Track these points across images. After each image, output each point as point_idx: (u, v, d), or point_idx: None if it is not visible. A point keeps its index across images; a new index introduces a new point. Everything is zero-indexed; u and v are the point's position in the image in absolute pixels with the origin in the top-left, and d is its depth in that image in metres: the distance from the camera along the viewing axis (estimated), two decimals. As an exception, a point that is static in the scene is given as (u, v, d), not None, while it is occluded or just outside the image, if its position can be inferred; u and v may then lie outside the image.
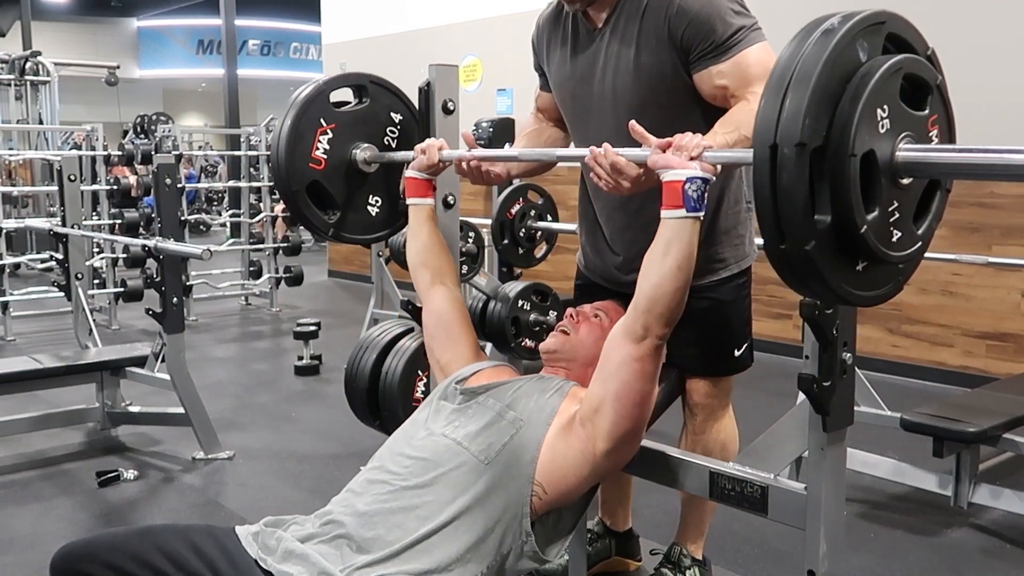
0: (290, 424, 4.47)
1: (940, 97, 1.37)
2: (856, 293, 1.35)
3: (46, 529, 3.12)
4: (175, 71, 22.31)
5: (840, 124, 1.23)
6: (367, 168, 2.19)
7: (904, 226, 1.33)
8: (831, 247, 1.27)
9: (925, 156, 1.28)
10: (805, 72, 1.23)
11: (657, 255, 1.54)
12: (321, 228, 2.19)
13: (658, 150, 1.56)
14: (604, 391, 1.58)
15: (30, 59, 9.75)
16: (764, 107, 1.26)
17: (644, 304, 1.55)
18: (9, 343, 6.31)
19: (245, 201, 8.21)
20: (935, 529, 3.10)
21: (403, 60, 8.09)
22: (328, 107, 2.17)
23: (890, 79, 1.26)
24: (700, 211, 1.52)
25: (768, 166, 1.23)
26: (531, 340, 3.48)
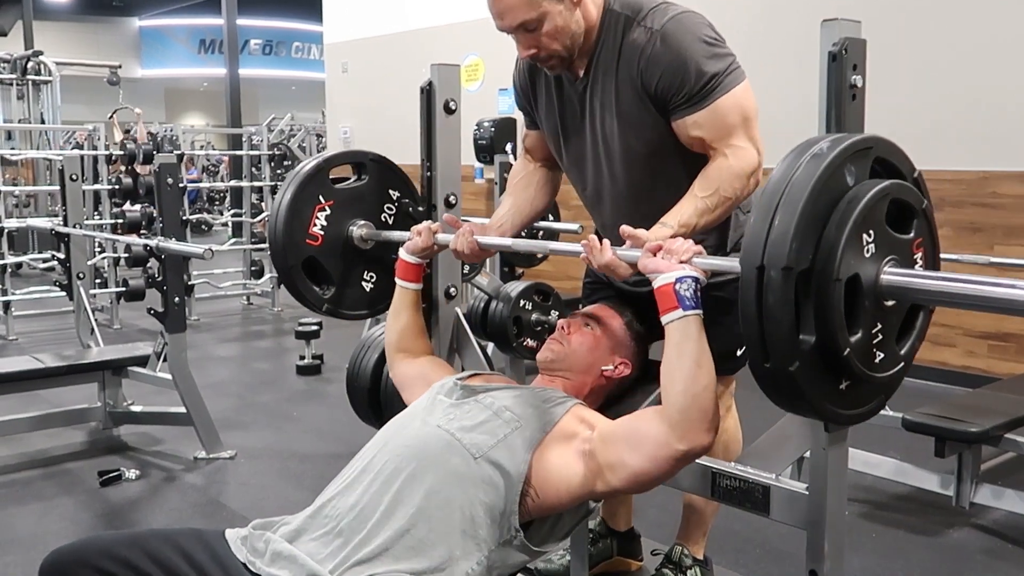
0: (292, 423, 4.48)
1: (926, 220, 1.39)
2: (839, 412, 1.38)
3: (47, 529, 3.12)
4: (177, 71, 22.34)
5: (826, 248, 1.26)
6: (363, 245, 2.21)
7: (887, 347, 1.35)
8: (815, 367, 1.29)
9: (909, 282, 1.30)
10: (793, 196, 1.25)
11: (672, 361, 1.50)
12: (315, 304, 2.23)
13: (649, 253, 1.55)
14: (627, 461, 1.53)
15: (32, 58, 9.76)
16: (753, 227, 1.28)
17: (677, 416, 1.48)
18: (11, 343, 6.31)
19: (247, 201, 8.21)
20: (937, 529, 3.10)
21: (405, 60, 8.10)
22: (327, 184, 2.20)
23: (877, 205, 1.29)
24: (698, 308, 1.49)
25: (755, 287, 1.26)
26: (533, 340, 3.49)
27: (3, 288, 6.39)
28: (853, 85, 1.51)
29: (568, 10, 1.82)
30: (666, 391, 1.51)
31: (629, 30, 1.84)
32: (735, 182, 1.78)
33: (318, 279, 2.22)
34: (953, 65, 4.93)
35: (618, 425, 1.59)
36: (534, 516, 1.59)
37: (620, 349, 1.84)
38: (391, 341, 2.05)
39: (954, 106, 4.90)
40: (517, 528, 1.56)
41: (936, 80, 4.95)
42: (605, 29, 1.87)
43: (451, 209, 2.25)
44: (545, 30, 1.82)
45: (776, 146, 1.54)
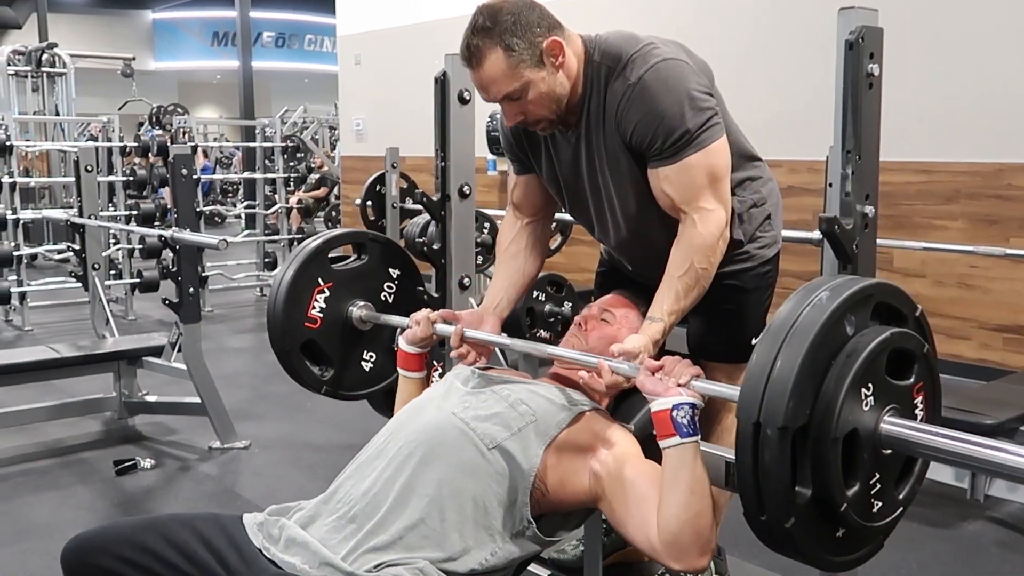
0: (305, 414, 4.49)
1: (926, 363, 1.36)
2: (835, 560, 1.36)
3: (64, 517, 3.15)
4: (190, 63, 22.38)
5: (824, 404, 1.23)
6: (362, 326, 2.19)
7: (885, 495, 1.33)
8: (811, 521, 1.27)
9: (908, 435, 1.27)
10: (792, 351, 1.23)
11: (668, 486, 1.47)
12: (314, 386, 2.20)
13: (647, 371, 1.52)
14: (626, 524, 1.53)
15: (46, 51, 9.80)
16: (749, 380, 1.26)
17: (669, 537, 1.45)
18: (26, 333, 6.36)
19: (260, 192, 8.23)
20: (951, 522, 3.09)
21: (418, 52, 8.08)
22: (326, 265, 2.18)
23: (876, 359, 1.26)
24: (695, 435, 1.46)
25: (751, 442, 1.24)
26: (546, 331, 3.49)
27: (18, 279, 6.43)
28: (870, 74, 1.51)
29: (551, 74, 1.79)
30: (661, 513, 1.48)
31: (611, 81, 1.82)
32: (707, 251, 1.79)
33: (317, 360, 2.19)
34: (969, 56, 4.89)
35: (635, 479, 1.55)
36: (544, 511, 1.60)
37: None
38: None
39: (970, 97, 4.86)
40: (529, 520, 1.57)
41: (952, 71, 4.91)
42: (589, 81, 1.84)
43: (465, 199, 2.25)
44: (530, 98, 1.80)
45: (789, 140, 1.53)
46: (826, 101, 1.78)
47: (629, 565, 2.36)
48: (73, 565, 1.53)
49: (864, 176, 1.65)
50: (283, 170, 8.11)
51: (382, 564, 1.47)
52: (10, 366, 3.93)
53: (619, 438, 1.62)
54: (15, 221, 6.41)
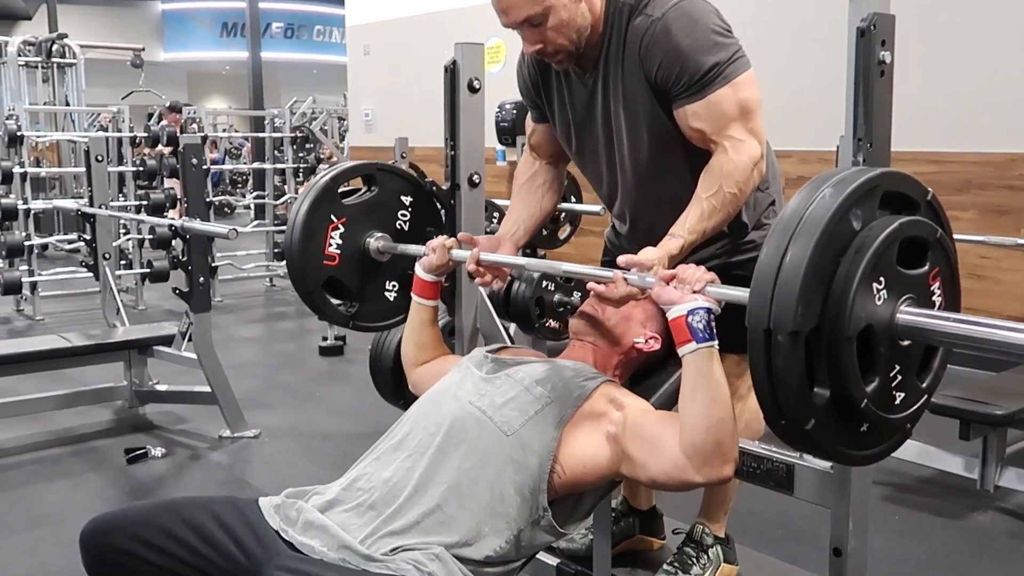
0: (315, 403, 4.51)
1: (941, 248, 1.33)
2: (861, 455, 1.34)
3: (76, 504, 3.17)
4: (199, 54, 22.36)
5: (835, 303, 1.21)
6: (380, 258, 2.20)
7: (908, 385, 1.31)
8: (832, 420, 1.26)
9: (925, 323, 1.25)
10: (798, 253, 1.21)
11: (687, 395, 1.49)
12: (341, 322, 2.22)
13: (662, 282, 1.53)
14: (647, 464, 1.53)
15: (56, 41, 9.82)
16: (756, 286, 1.24)
17: (691, 449, 1.46)
18: (38, 323, 6.39)
19: (269, 183, 8.24)
20: (961, 512, 3.09)
21: (427, 42, 8.08)
22: (337, 201, 2.17)
23: (886, 251, 1.23)
24: (712, 340, 1.47)
25: (763, 349, 1.22)
26: (555, 320, 3.49)
27: (30, 269, 6.46)
28: (881, 61, 1.49)
29: (573, 2, 1.80)
30: (682, 424, 1.49)
31: (632, 18, 1.82)
32: (737, 176, 1.77)
33: (340, 296, 2.20)
34: (980, 47, 4.87)
35: (646, 421, 1.57)
36: (559, 493, 1.60)
37: (651, 323, 1.83)
38: (409, 356, 2.03)
39: (982, 88, 4.84)
40: (545, 507, 1.57)
41: (963, 62, 4.89)
42: (610, 20, 1.85)
43: (475, 188, 2.25)
44: (551, 24, 1.80)
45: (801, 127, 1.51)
46: (835, 91, 1.77)
47: (638, 554, 2.37)
48: (91, 547, 1.54)
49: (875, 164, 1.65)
50: (292, 161, 8.11)
51: (398, 548, 1.48)
52: (22, 355, 3.95)
53: (630, 400, 1.64)
54: (26, 211, 6.43)
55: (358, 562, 1.45)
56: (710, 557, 2.19)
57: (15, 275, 6.35)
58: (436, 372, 1.94)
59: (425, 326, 2.02)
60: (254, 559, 1.50)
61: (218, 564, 1.51)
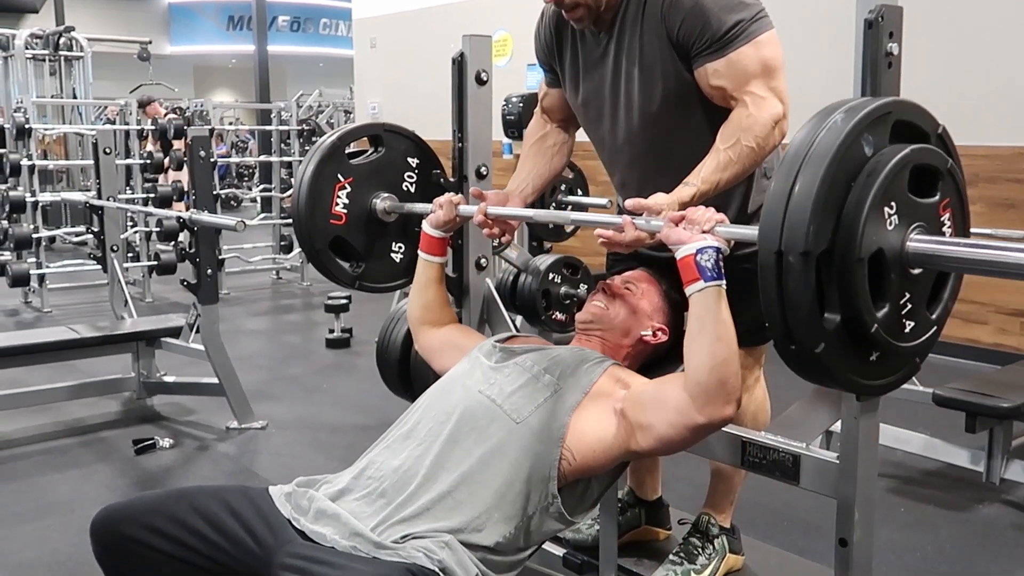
0: (321, 395, 4.53)
1: (952, 179, 1.34)
2: (870, 384, 1.35)
3: (85, 494, 3.19)
4: (206, 47, 22.39)
5: (846, 226, 1.22)
6: (387, 218, 2.20)
7: (917, 314, 1.32)
8: (842, 346, 1.26)
9: (936, 250, 1.26)
10: (809, 175, 1.21)
11: (693, 334, 1.51)
12: (346, 281, 2.23)
13: (671, 224, 1.54)
14: (654, 423, 1.55)
15: (64, 34, 9.82)
16: (768, 209, 1.25)
17: (696, 388, 1.49)
18: (46, 315, 6.41)
19: (276, 176, 8.26)
20: (966, 505, 3.09)
21: (433, 35, 8.08)
22: (344, 161, 2.18)
23: (897, 176, 1.24)
24: (720, 279, 1.48)
25: (774, 272, 1.23)
26: (561, 313, 3.50)
27: (37, 261, 6.48)
28: (889, 53, 1.49)
29: None
30: (687, 363, 1.51)
31: None
32: (757, 130, 1.75)
33: (347, 256, 2.21)
34: (988, 39, 4.85)
35: (648, 386, 1.61)
36: (568, 479, 1.61)
37: (658, 315, 1.84)
38: (415, 315, 2.05)
39: (989, 81, 4.83)
40: (555, 494, 1.58)
41: (971, 54, 4.88)
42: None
43: (482, 180, 2.26)
44: None
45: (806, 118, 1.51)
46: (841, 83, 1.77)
47: (644, 544, 2.38)
48: (102, 535, 1.55)
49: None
50: (299, 154, 8.12)
51: (408, 535, 1.49)
52: (30, 346, 3.97)
53: (635, 379, 1.66)
54: (34, 204, 6.45)
55: (369, 549, 1.46)
56: (716, 547, 2.20)
57: (23, 267, 6.37)
58: (447, 343, 1.96)
59: (431, 283, 2.03)
60: (265, 547, 1.51)
61: (229, 552, 1.52)
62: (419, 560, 1.44)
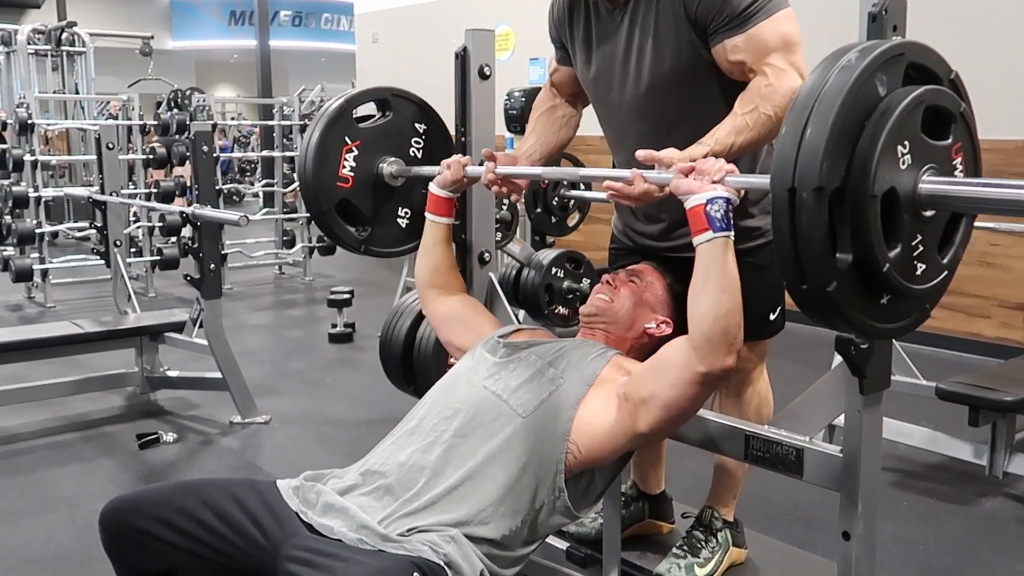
0: (325, 390, 4.53)
1: (964, 124, 1.35)
2: (882, 327, 1.35)
3: (89, 488, 3.20)
4: (207, 42, 22.36)
5: (859, 164, 1.22)
6: (394, 182, 2.20)
7: (929, 258, 1.32)
8: (853, 286, 1.27)
9: (948, 190, 1.26)
10: (822, 112, 1.22)
11: (699, 284, 1.52)
12: (352, 245, 2.22)
13: (680, 175, 1.55)
14: (656, 391, 1.56)
15: (66, 30, 9.82)
16: (781, 146, 1.25)
17: (700, 340, 1.50)
18: (49, 310, 6.42)
19: (278, 171, 8.24)
20: (969, 498, 3.10)
21: (435, 29, 8.08)
22: (352, 124, 2.18)
23: (911, 115, 1.24)
24: (728, 230, 1.49)
25: (787, 209, 1.23)
26: (564, 307, 3.51)
27: (40, 256, 6.48)
28: (893, 46, 1.49)
29: None
30: (691, 314, 1.53)
31: None
32: (776, 99, 1.74)
33: (353, 220, 2.21)
34: (992, 32, 4.84)
35: (647, 363, 1.63)
36: (574, 472, 1.62)
37: (663, 308, 1.85)
38: (423, 279, 2.05)
39: (993, 74, 4.82)
40: (561, 488, 1.59)
41: (975, 48, 4.87)
42: None
43: (485, 175, 2.26)
44: None
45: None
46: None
47: (647, 537, 2.39)
48: (111, 526, 1.56)
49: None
50: (301, 149, 8.12)
51: (415, 529, 1.50)
52: (34, 341, 3.98)
53: (636, 365, 1.68)
54: (37, 199, 6.46)
55: (375, 542, 1.47)
56: (719, 541, 2.20)
57: (26, 262, 6.38)
58: (454, 315, 1.97)
59: (439, 244, 2.04)
60: (273, 539, 1.51)
61: (237, 544, 1.52)
62: (424, 554, 1.44)
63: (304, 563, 1.42)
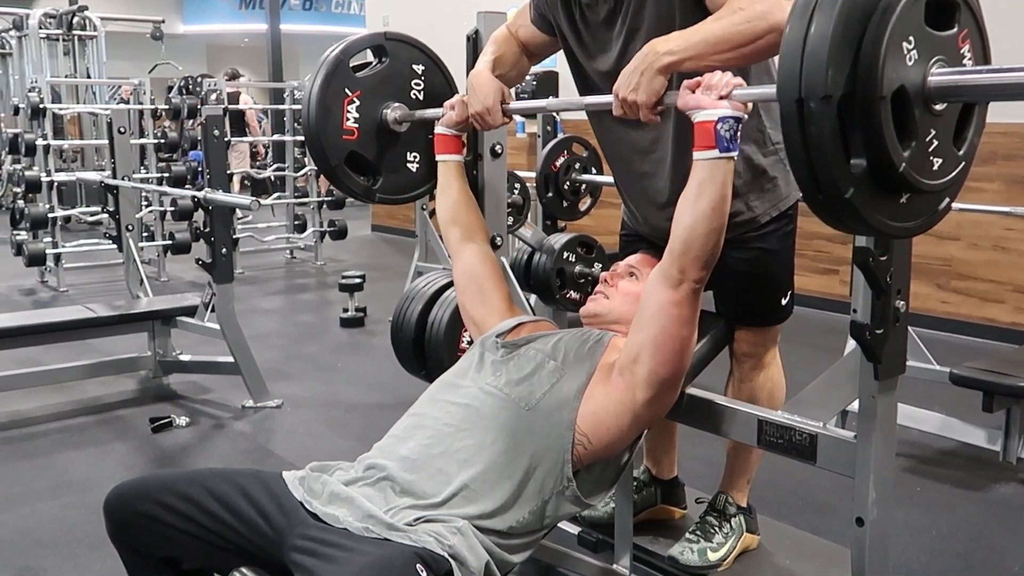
0: (336, 374, 4.54)
1: (969, 9, 1.31)
2: (902, 226, 1.33)
3: (103, 472, 3.21)
4: (218, 26, 22.33)
5: (865, 66, 1.19)
6: (399, 128, 2.18)
7: (945, 151, 1.30)
8: (870, 189, 1.25)
9: (957, 80, 1.24)
10: (823, 17, 1.19)
11: (691, 197, 1.53)
12: (365, 195, 2.21)
13: (687, 91, 1.53)
14: (642, 338, 1.59)
15: (77, 14, 9.82)
16: (784, 58, 1.23)
17: (679, 247, 1.55)
18: (62, 294, 6.45)
19: (290, 155, 8.24)
20: (983, 484, 3.08)
21: (447, 12, 8.03)
22: (349, 75, 2.15)
23: (912, 9, 1.21)
24: (733, 151, 1.50)
25: (796, 120, 1.21)
26: (576, 292, 3.49)
27: (53, 241, 6.51)
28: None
29: None
30: (675, 225, 1.54)
31: None
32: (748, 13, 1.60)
33: (363, 171, 2.20)
34: (1006, 13, 4.79)
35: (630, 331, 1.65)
36: (584, 463, 1.61)
37: None
38: (446, 217, 2.06)
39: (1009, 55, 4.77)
40: (570, 478, 1.59)
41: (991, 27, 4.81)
42: None
43: (497, 159, 2.25)
44: None
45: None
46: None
47: (660, 523, 2.39)
48: (115, 512, 1.56)
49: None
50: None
51: (421, 519, 1.49)
52: (47, 325, 4.00)
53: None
54: (49, 183, 6.48)
55: (381, 531, 1.46)
56: (732, 526, 2.20)
57: (39, 247, 6.41)
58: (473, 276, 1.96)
59: (453, 181, 2.06)
60: (277, 528, 1.51)
61: (242, 533, 1.52)
62: (430, 545, 1.43)
63: (310, 553, 1.42)
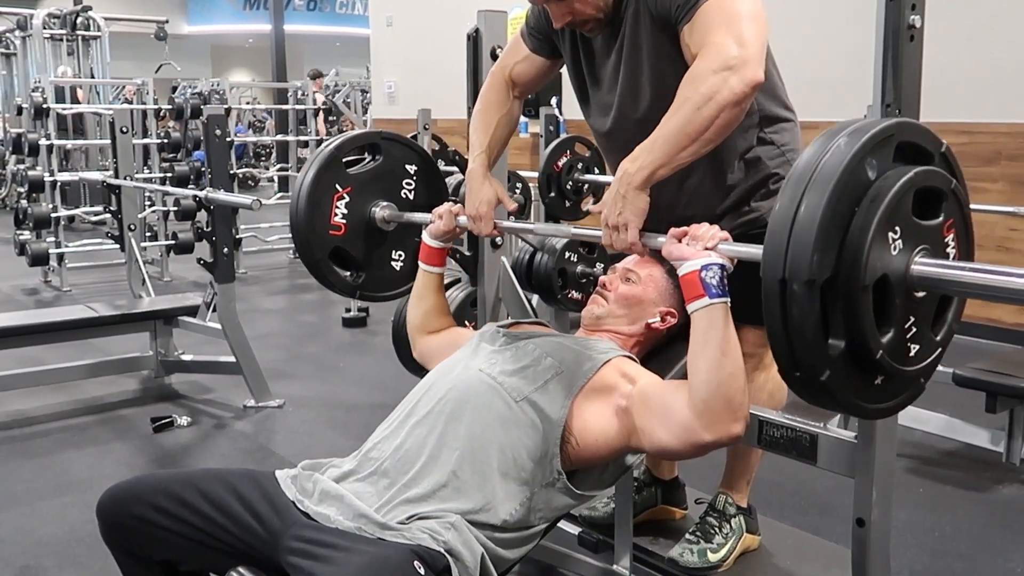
0: (338, 374, 4.54)
1: (955, 200, 1.32)
2: (875, 407, 1.34)
3: (103, 472, 3.21)
4: (223, 27, 22.36)
5: (851, 253, 1.20)
6: (386, 227, 2.17)
7: (922, 337, 1.31)
8: (847, 371, 1.26)
9: (940, 273, 1.24)
10: (812, 203, 1.20)
11: (698, 350, 1.46)
12: (347, 291, 2.20)
13: (673, 240, 1.53)
14: (656, 431, 1.50)
15: (81, 14, 9.84)
16: (771, 237, 1.23)
17: (702, 405, 1.43)
18: (65, 294, 6.46)
19: (293, 155, 8.26)
20: (986, 485, 3.07)
21: (450, 12, 8.03)
22: (342, 171, 2.14)
23: (901, 200, 1.22)
24: (724, 296, 1.46)
25: (778, 299, 1.22)
26: (578, 292, 3.48)
27: (56, 240, 6.52)
28: (911, 26, 1.47)
29: None
30: (691, 380, 1.47)
31: None
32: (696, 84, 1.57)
33: (347, 266, 2.19)
34: (1012, 12, 4.78)
35: (655, 391, 1.56)
36: (576, 466, 1.60)
37: (665, 299, 1.81)
38: (415, 323, 2.03)
39: (1011, 57, 4.76)
40: (559, 471, 1.58)
41: (994, 28, 4.80)
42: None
43: (497, 157, 2.24)
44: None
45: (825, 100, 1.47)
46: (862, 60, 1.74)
47: (660, 523, 2.38)
48: (108, 514, 1.56)
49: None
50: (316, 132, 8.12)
51: (414, 516, 1.49)
52: (50, 324, 4.00)
53: (644, 374, 1.63)
54: (52, 183, 6.48)
55: (374, 530, 1.46)
56: (732, 527, 2.19)
57: (42, 246, 6.41)
58: (447, 343, 1.94)
59: (431, 292, 2.03)
60: (271, 529, 1.51)
61: (235, 534, 1.52)
62: (424, 542, 1.43)
63: (305, 554, 1.42)
